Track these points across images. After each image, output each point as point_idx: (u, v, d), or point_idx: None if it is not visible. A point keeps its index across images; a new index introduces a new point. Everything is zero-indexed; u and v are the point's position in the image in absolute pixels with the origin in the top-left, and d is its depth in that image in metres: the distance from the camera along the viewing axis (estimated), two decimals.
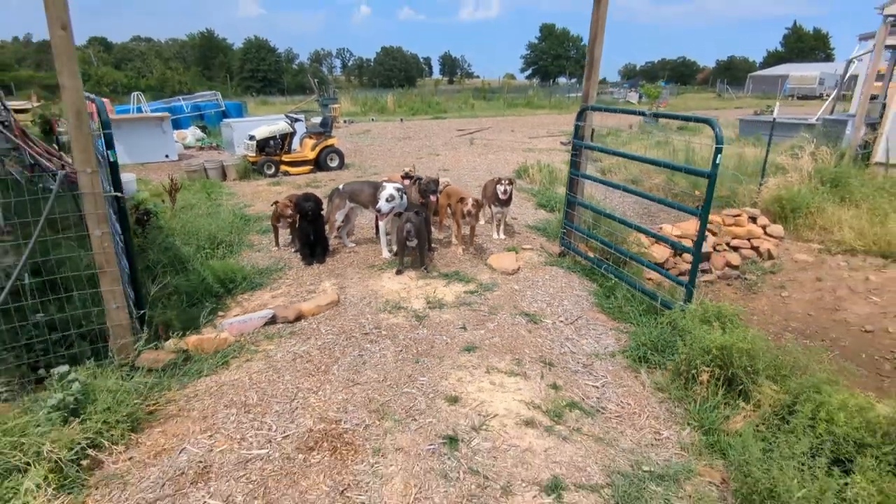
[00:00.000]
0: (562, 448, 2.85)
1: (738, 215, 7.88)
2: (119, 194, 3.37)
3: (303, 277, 5.17)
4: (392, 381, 3.32)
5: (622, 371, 3.79)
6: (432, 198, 5.64)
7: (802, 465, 2.55)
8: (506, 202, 6.20)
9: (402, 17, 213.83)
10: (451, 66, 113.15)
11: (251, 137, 10.87)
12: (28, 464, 2.46)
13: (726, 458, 2.87)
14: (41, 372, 3.13)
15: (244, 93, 54.83)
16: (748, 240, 7.67)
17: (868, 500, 2.35)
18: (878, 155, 10.49)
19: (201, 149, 14.51)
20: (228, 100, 20.14)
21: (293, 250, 5.85)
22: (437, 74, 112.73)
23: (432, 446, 2.74)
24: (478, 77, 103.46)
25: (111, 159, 3.28)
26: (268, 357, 3.62)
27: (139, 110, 15.95)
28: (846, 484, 2.45)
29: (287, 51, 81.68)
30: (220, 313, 4.35)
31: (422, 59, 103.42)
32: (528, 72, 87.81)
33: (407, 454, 2.67)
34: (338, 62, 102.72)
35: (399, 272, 5.15)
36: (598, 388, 3.54)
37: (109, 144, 3.25)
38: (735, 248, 7.65)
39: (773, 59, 75.79)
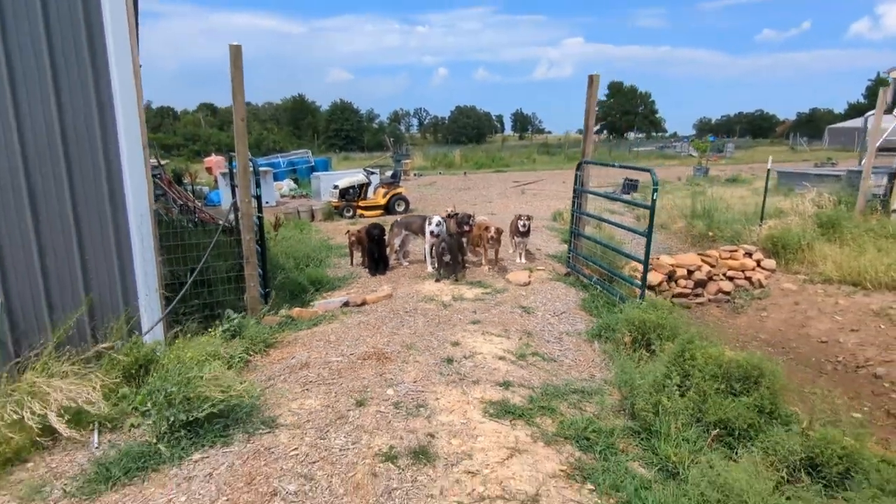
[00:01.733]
0: (519, 371, 4.57)
1: (735, 250, 9.22)
2: (261, 215, 5.56)
3: (368, 283, 7.19)
4: (419, 335, 5.18)
5: (582, 342, 5.44)
6: (466, 228, 7.58)
7: (660, 382, 4.12)
8: (525, 233, 8.00)
9: (477, 77, 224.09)
10: (522, 123, 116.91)
11: (335, 187, 13.39)
12: (211, 357, 4.48)
13: (626, 386, 4.47)
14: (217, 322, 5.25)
15: (328, 150, 60.11)
16: (742, 271, 8.96)
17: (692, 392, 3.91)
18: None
19: (293, 197, 17.34)
20: (317, 156, 23.41)
21: (363, 266, 7.92)
22: (508, 131, 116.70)
23: (436, 362, 4.55)
24: (549, 133, 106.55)
25: (257, 195, 5.47)
26: (342, 321, 5.59)
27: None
28: (683, 387, 4.01)
29: (368, 111, 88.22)
30: (312, 300, 6.41)
31: (494, 117, 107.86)
32: (597, 127, 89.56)
33: (420, 364, 4.49)
34: (415, 121, 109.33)
35: (437, 280, 7.06)
36: (560, 349, 5.22)
37: (258, 185, 5.45)
38: (730, 279, 8.96)
39: (854, 111, 73.34)
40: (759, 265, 9.12)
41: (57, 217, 4.45)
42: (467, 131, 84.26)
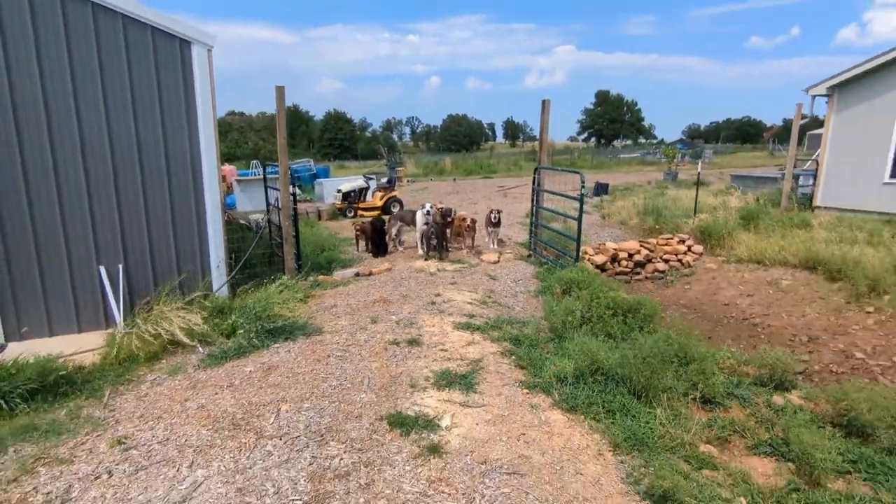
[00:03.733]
0: (481, 310, 6.61)
1: (671, 238, 11.30)
2: (296, 207, 7.59)
3: (372, 263, 9.21)
4: (412, 290, 7.21)
5: (531, 297, 7.49)
6: (449, 219, 9.62)
7: (569, 309, 6.16)
8: (496, 224, 10.04)
9: (469, 86, 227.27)
10: (513, 131, 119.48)
11: (339, 191, 15.44)
12: (272, 299, 6.48)
13: (550, 315, 6.50)
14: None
15: (323, 158, 62.11)
16: (675, 255, 11.05)
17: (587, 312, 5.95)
18: (818, 200, 13.61)
19: (299, 201, 19.35)
20: (316, 165, 25.47)
21: (367, 251, 9.94)
22: (500, 139, 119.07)
23: (423, 304, 6.58)
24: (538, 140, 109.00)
25: (294, 193, 7.50)
26: (356, 284, 7.61)
27: (255, 174, 21.29)
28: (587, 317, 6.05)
29: (361, 120, 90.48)
30: (331, 272, 8.43)
31: (486, 125, 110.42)
32: (584, 135, 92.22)
33: (413, 305, 6.53)
34: (407, 129, 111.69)
35: (426, 259, 9.09)
36: (513, 301, 7.26)
37: (300, 183, 7.48)
38: (666, 261, 11.04)
39: None
40: (689, 250, 11.21)
41: (159, 206, 6.47)
42: (459, 139, 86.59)
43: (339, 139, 79.41)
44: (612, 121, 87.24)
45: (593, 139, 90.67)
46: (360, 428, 3.59)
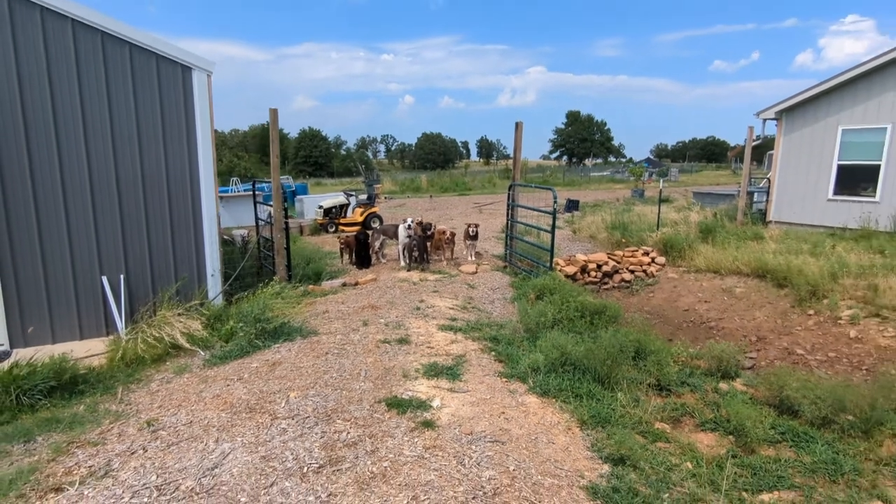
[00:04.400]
0: (462, 314, 7.18)
1: (636, 250, 12.10)
2: (287, 221, 8.09)
3: (357, 273, 9.72)
4: (398, 297, 7.75)
5: (507, 303, 8.10)
6: (429, 232, 10.21)
7: (541, 312, 6.78)
8: (474, 237, 10.67)
9: (442, 105, 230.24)
10: (487, 149, 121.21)
11: (320, 207, 15.91)
12: (269, 302, 6.95)
13: (525, 317, 7.11)
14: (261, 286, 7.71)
15: (298, 176, 62.28)
16: (640, 266, 11.83)
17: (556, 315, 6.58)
18: (770, 215, 14.62)
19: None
20: (296, 182, 25.88)
21: (351, 263, 10.44)
22: (474, 157, 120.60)
23: (409, 309, 7.13)
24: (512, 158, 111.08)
25: (286, 207, 8.00)
26: (344, 293, 8.11)
27: (234, 190, 21.58)
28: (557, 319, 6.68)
29: (336, 138, 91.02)
30: (319, 282, 8.92)
31: (460, 143, 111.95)
32: (557, 153, 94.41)
33: (399, 310, 7.06)
34: (382, 147, 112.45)
35: (409, 270, 9.64)
36: (491, 307, 7.86)
37: (286, 201, 7.98)
38: (632, 271, 11.81)
39: None
40: (653, 261, 12.02)
41: (159, 220, 6.91)
42: (434, 157, 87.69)
43: (313, 157, 79.65)
44: (583, 140, 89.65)
45: (565, 158, 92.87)
46: (361, 409, 4.11)
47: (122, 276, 6.77)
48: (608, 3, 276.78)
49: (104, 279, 6.68)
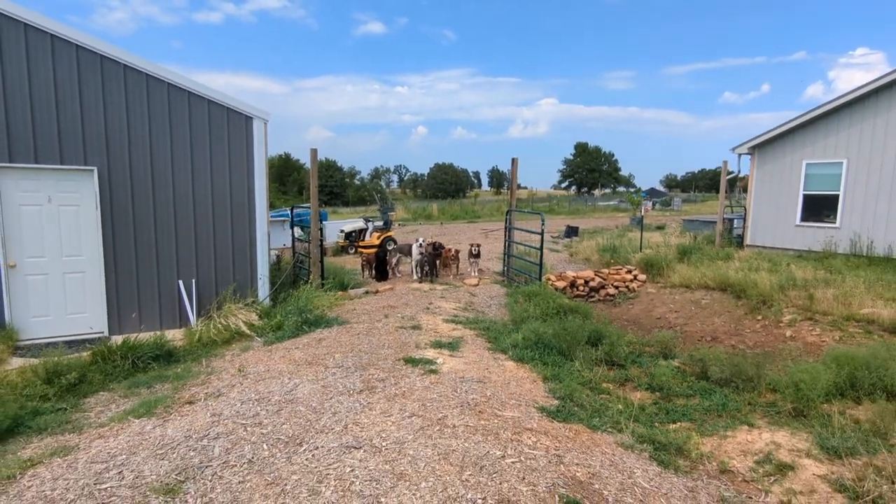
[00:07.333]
0: (463, 313, 8.88)
1: (620, 268, 13.75)
2: (323, 240, 9.91)
3: (377, 284, 11.48)
4: (411, 302, 9.47)
5: (502, 307, 9.79)
6: (439, 250, 11.98)
7: (525, 309, 8.45)
8: (477, 255, 12.41)
9: (455, 135, 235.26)
10: (498, 179, 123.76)
11: (342, 231, 17.82)
12: (311, 299, 8.70)
13: (513, 314, 8.77)
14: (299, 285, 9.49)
15: None
16: (623, 282, 13.46)
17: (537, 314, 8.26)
18: (747, 239, 16.23)
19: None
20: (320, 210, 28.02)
21: (371, 276, 12.21)
22: (485, 186, 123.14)
23: (421, 308, 8.85)
24: (525, 188, 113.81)
25: (322, 229, 9.82)
26: (367, 299, 9.86)
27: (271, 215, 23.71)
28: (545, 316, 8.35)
29: (350, 168, 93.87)
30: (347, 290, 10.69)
31: (471, 173, 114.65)
32: (566, 183, 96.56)
33: (412, 309, 8.79)
34: (395, 177, 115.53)
35: (420, 282, 11.38)
36: (488, 309, 9.55)
37: (320, 222, 9.81)
38: (616, 287, 13.44)
39: None
40: (635, 278, 13.65)
41: (225, 236, 8.76)
42: (446, 187, 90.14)
43: (329, 186, 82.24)
44: (591, 170, 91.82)
45: (573, 188, 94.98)
46: (386, 363, 5.82)
47: (193, 281, 8.59)
48: (619, 36, 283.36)
49: (180, 283, 8.50)
